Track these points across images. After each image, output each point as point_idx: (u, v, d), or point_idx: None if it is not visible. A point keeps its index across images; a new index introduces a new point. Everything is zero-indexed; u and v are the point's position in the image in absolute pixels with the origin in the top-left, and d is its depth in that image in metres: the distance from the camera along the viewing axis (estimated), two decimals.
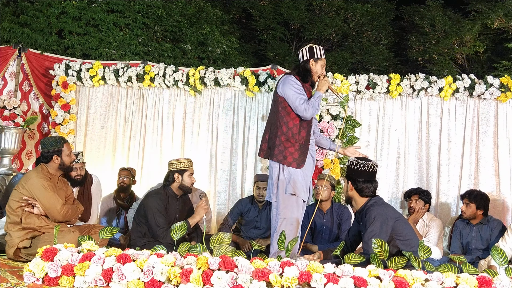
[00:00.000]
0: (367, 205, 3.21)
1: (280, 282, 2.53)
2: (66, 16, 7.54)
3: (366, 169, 3.22)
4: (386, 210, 3.16)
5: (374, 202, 3.21)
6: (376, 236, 2.99)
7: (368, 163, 3.24)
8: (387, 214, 3.12)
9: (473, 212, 4.27)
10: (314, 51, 3.66)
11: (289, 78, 3.61)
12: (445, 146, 5.07)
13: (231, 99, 5.47)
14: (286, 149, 3.56)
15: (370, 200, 3.24)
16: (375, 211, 3.11)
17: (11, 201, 3.62)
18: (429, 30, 11.08)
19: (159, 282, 2.66)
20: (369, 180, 3.23)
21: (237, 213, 4.75)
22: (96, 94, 5.73)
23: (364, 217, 3.18)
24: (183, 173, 4.02)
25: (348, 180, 3.30)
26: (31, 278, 2.78)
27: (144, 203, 3.96)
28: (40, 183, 3.62)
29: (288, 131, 3.57)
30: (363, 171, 3.22)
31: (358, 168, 3.23)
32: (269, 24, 11.16)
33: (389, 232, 3.08)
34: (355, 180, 3.25)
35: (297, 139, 3.58)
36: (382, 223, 3.06)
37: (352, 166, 3.27)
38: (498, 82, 4.94)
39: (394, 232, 3.10)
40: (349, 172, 3.32)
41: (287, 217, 3.55)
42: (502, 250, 2.86)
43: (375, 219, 3.07)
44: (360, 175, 3.23)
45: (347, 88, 5.08)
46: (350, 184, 3.28)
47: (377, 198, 3.27)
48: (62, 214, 3.64)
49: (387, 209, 3.19)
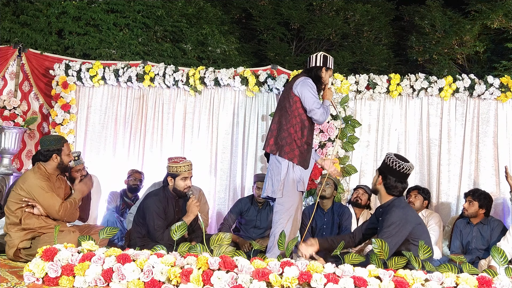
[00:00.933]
0: (391, 204, 3.18)
1: (280, 282, 2.52)
2: (66, 16, 7.54)
3: (401, 169, 3.16)
4: (408, 214, 3.12)
5: (398, 203, 3.17)
6: (391, 237, 2.99)
7: (404, 164, 3.17)
8: (407, 218, 3.08)
9: (475, 210, 4.26)
10: (328, 60, 3.76)
11: (308, 81, 3.66)
12: (445, 146, 5.08)
13: (231, 99, 5.47)
14: (297, 147, 3.61)
15: (394, 199, 3.21)
16: (397, 213, 3.08)
17: (10, 203, 3.61)
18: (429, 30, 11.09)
19: (159, 282, 2.65)
20: (400, 180, 3.19)
21: (236, 212, 4.75)
22: (96, 94, 5.73)
23: (385, 215, 3.16)
24: (175, 177, 3.85)
25: (380, 174, 3.25)
26: (31, 278, 2.78)
27: (144, 204, 3.94)
28: (38, 184, 3.60)
29: (299, 131, 3.62)
30: (396, 171, 3.16)
31: (393, 166, 3.17)
32: (269, 24, 11.17)
33: (405, 236, 3.05)
34: (386, 177, 3.20)
35: (307, 140, 3.66)
36: (400, 226, 3.04)
37: (388, 162, 3.20)
38: (498, 82, 4.94)
39: (411, 236, 3.07)
40: (383, 166, 3.25)
41: (292, 215, 3.58)
42: (502, 250, 2.86)
43: (395, 221, 3.04)
44: (393, 173, 3.17)
45: (347, 88, 5.08)
46: (381, 178, 3.23)
47: (401, 198, 3.24)
48: (60, 215, 3.63)
49: (410, 213, 3.15)
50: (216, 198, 5.40)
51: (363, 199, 4.66)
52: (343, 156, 5.05)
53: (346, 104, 5.09)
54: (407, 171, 3.18)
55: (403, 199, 3.26)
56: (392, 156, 3.21)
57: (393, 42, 11.95)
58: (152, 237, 3.82)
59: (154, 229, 3.79)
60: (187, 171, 3.86)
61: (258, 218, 4.67)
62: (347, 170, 5.05)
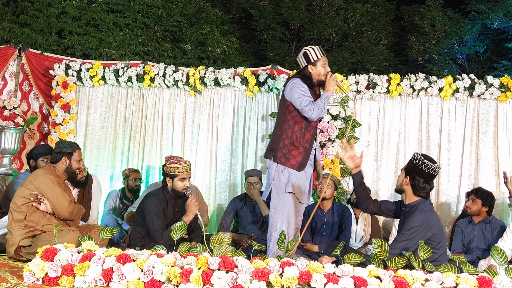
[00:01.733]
0: (416, 206, 3.16)
1: (280, 282, 2.53)
2: (66, 16, 7.53)
3: (429, 171, 3.13)
4: (431, 219, 3.11)
5: (423, 207, 3.15)
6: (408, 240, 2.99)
7: (433, 165, 3.13)
8: (430, 224, 3.07)
9: (478, 208, 4.26)
10: (309, 56, 3.63)
11: (295, 82, 3.62)
12: (445, 146, 5.08)
13: (231, 99, 5.47)
14: (289, 152, 3.58)
15: (420, 201, 3.18)
16: (420, 217, 3.07)
17: (17, 198, 3.63)
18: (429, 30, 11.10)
19: (159, 282, 2.66)
20: (428, 182, 3.17)
21: (232, 211, 4.76)
22: (96, 94, 5.73)
23: (408, 216, 3.14)
24: (174, 178, 3.83)
25: (407, 175, 3.22)
26: (31, 278, 2.78)
27: (143, 204, 3.94)
28: (49, 179, 3.67)
29: (292, 134, 3.60)
30: (425, 172, 3.13)
31: (421, 167, 3.13)
32: (269, 24, 11.16)
33: (424, 239, 3.02)
34: (414, 178, 3.17)
35: (301, 142, 3.60)
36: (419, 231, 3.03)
37: (416, 163, 3.16)
38: (498, 82, 4.94)
39: (429, 240, 3.06)
40: (410, 167, 3.21)
41: (286, 217, 3.57)
42: (502, 250, 2.86)
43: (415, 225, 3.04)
44: (421, 175, 3.15)
45: (347, 88, 5.08)
46: (408, 179, 3.20)
47: (427, 202, 3.21)
48: (69, 211, 3.68)
49: (433, 218, 3.14)
50: (217, 198, 5.40)
51: None
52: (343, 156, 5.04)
53: (346, 104, 5.09)
54: (435, 172, 3.15)
55: (429, 203, 3.23)
56: (420, 157, 3.17)
57: (393, 42, 11.94)
58: (152, 237, 3.82)
59: (153, 229, 3.79)
60: (186, 172, 3.82)
61: (254, 213, 4.67)
62: (347, 170, 5.05)
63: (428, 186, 3.18)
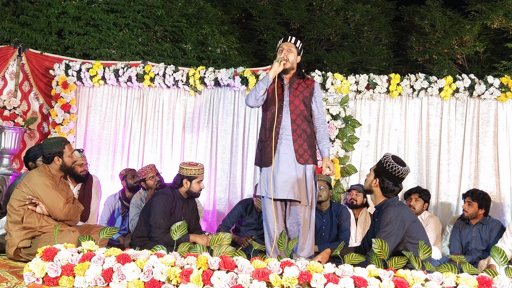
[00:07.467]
0: (385, 204, 3.19)
1: (280, 282, 2.52)
2: (66, 16, 7.54)
3: (398, 174, 3.14)
4: (403, 211, 3.13)
5: (392, 202, 3.18)
6: (390, 236, 2.99)
7: (402, 168, 3.14)
8: (403, 216, 3.09)
9: (474, 211, 4.26)
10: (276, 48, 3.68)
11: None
12: (445, 146, 5.08)
13: (231, 99, 5.47)
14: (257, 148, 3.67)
15: (388, 199, 3.22)
16: (393, 211, 3.09)
17: (13, 200, 3.61)
18: (429, 30, 11.10)
19: (159, 282, 2.65)
20: (397, 184, 3.19)
21: (236, 215, 4.72)
22: (96, 94, 5.73)
23: (380, 215, 3.17)
24: (192, 180, 3.99)
25: (376, 177, 3.23)
26: (31, 278, 2.77)
27: (151, 201, 3.98)
28: (43, 182, 3.61)
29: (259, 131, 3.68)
30: (393, 175, 3.15)
31: (390, 170, 3.15)
32: (269, 24, 11.17)
33: (403, 234, 3.06)
34: (383, 180, 3.19)
35: (261, 137, 3.63)
36: (397, 225, 3.04)
37: (385, 165, 3.17)
38: (498, 82, 4.94)
39: (407, 234, 3.08)
40: (380, 168, 3.22)
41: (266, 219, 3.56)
42: (502, 250, 2.86)
43: (391, 219, 3.05)
44: (390, 178, 3.16)
45: (347, 88, 5.08)
46: (378, 181, 3.22)
47: (395, 198, 3.25)
48: (64, 213, 3.64)
49: (404, 210, 3.16)
50: (216, 198, 5.40)
51: (358, 200, 4.65)
52: (343, 156, 5.04)
53: (346, 104, 5.09)
54: (404, 176, 3.18)
55: (396, 198, 3.27)
56: (389, 159, 3.18)
57: (393, 42, 11.95)
58: (152, 233, 3.83)
59: (155, 225, 3.82)
60: (202, 174, 4.06)
61: (258, 222, 4.66)
62: (347, 170, 5.05)
63: (397, 188, 3.21)
